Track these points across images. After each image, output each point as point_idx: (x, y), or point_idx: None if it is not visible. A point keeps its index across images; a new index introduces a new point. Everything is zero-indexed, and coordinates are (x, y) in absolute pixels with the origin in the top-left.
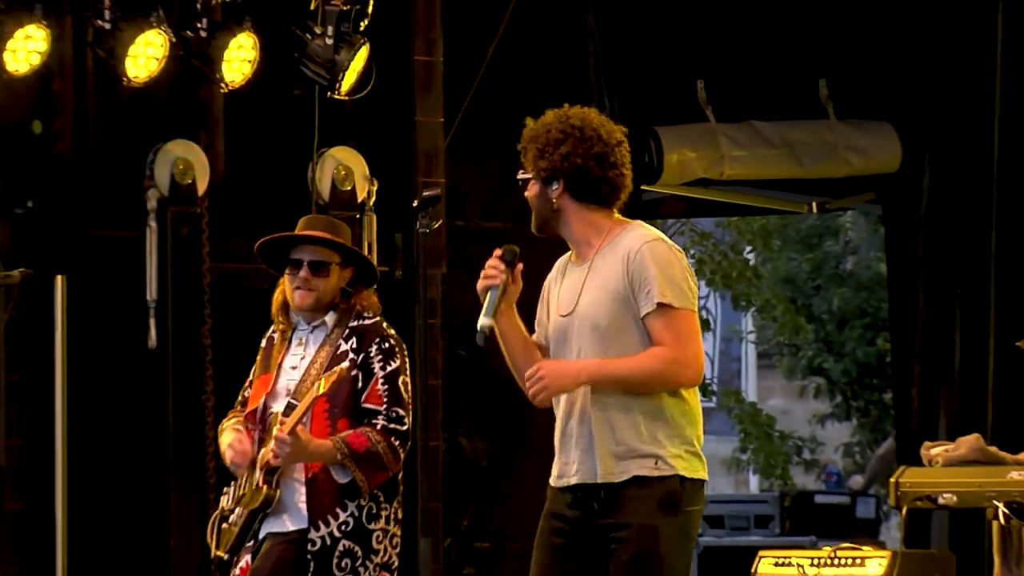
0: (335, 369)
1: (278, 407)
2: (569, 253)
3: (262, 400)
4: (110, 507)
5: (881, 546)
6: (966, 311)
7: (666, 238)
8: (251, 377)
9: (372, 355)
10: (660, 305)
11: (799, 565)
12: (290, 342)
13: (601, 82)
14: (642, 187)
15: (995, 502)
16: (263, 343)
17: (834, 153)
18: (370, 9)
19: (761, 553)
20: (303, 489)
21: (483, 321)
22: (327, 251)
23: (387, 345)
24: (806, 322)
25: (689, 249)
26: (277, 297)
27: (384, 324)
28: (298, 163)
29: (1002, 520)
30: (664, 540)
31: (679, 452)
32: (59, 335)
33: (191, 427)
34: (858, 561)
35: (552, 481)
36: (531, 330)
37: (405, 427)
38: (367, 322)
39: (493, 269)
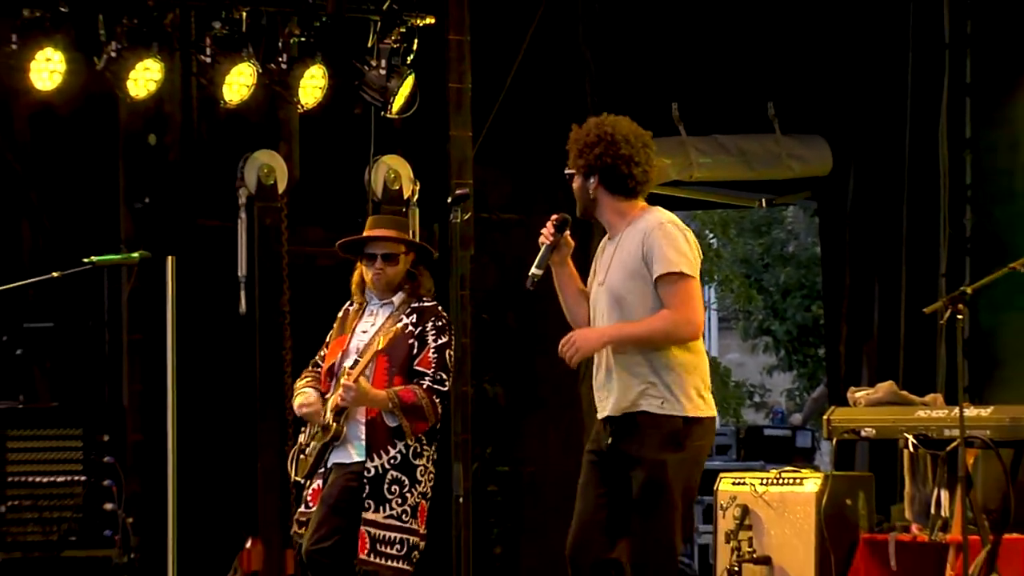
0: (392, 328)
1: (348, 363)
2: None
3: (338, 356)
4: (210, 437)
5: (816, 469)
6: (883, 284)
7: (676, 219)
8: (327, 341)
9: (428, 330)
10: (666, 274)
11: (751, 483)
12: (363, 313)
13: (593, 108)
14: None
15: (906, 435)
16: (340, 313)
17: (779, 160)
18: (415, 47)
19: (721, 474)
20: (363, 428)
21: (532, 270)
22: (395, 244)
23: (440, 323)
24: (757, 293)
25: None
26: (356, 278)
27: (439, 308)
28: (357, 168)
29: (911, 448)
30: (671, 470)
31: (683, 396)
32: (169, 303)
33: (273, 375)
34: (798, 481)
35: (597, 414)
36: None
37: (445, 388)
38: (426, 304)
39: (546, 231)
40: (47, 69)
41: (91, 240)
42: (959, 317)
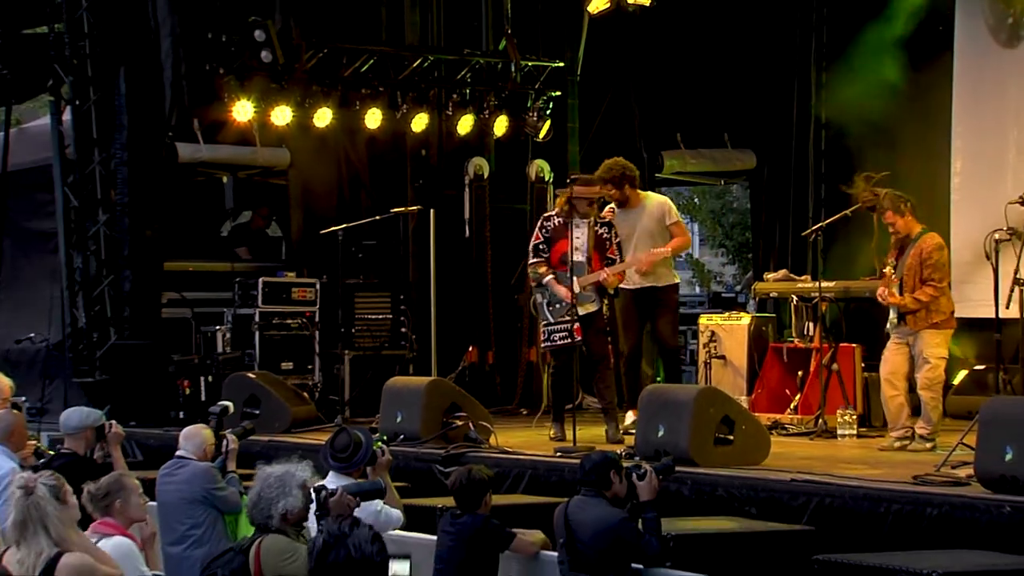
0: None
1: (578, 258)
2: (611, 205)
3: (566, 251)
4: (451, 295)
5: (747, 312)
6: (780, 223)
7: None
8: (540, 237)
9: (613, 235)
10: (675, 222)
11: (716, 319)
12: (570, 227)
13: (639, 137)
14: (656, 175)
15: (793, 295)
16: (546, 223)
17: (729, 161)
18: (551, 106)
19: (700, 315)
20: (595, 294)
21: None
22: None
23: (613, 231)
24: (718, 226)
25: (675, 199)
26: (563, 205)
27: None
28: (521, 165)
29: (795, 302)
30: (674, 302)
31: (675, 273)
32: (431, 231)
33: (482, 266)
34: (738, 318)
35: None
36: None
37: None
38: (606, 220)
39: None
40: (373, 118)
41: (392, 201)
42: (820, 237)
